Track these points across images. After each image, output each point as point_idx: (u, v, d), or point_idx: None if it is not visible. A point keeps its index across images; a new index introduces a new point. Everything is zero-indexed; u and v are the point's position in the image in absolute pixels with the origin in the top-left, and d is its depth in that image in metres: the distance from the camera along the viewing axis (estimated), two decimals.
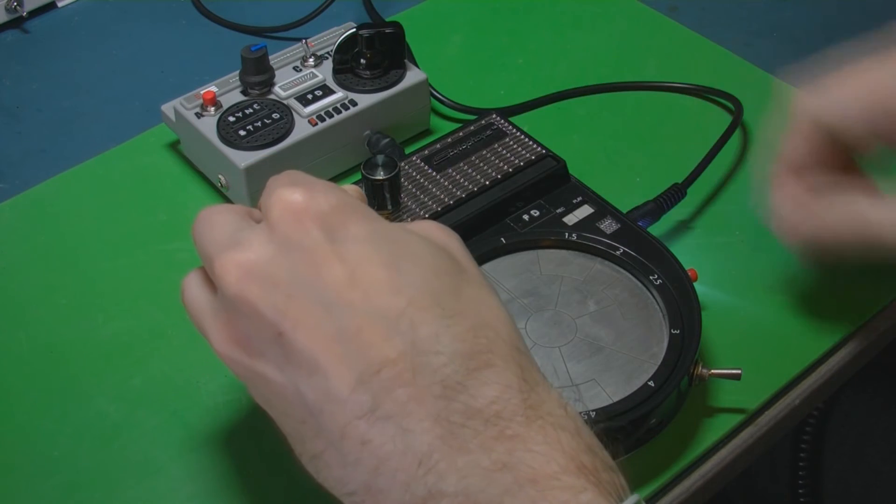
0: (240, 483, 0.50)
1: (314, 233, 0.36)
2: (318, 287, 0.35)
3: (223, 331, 0.38)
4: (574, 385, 0.49)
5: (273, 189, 0.38)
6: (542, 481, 0.33)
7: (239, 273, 0.36)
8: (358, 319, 0.34)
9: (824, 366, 0.57)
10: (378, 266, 0.35)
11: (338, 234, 0.36)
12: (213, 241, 0.39)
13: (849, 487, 0.94)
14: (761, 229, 0.62)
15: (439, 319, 0.35)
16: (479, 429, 0.33)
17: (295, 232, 0.36)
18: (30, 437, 0.52)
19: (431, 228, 0.40)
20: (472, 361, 0.34)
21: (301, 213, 0.36)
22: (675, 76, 0.73)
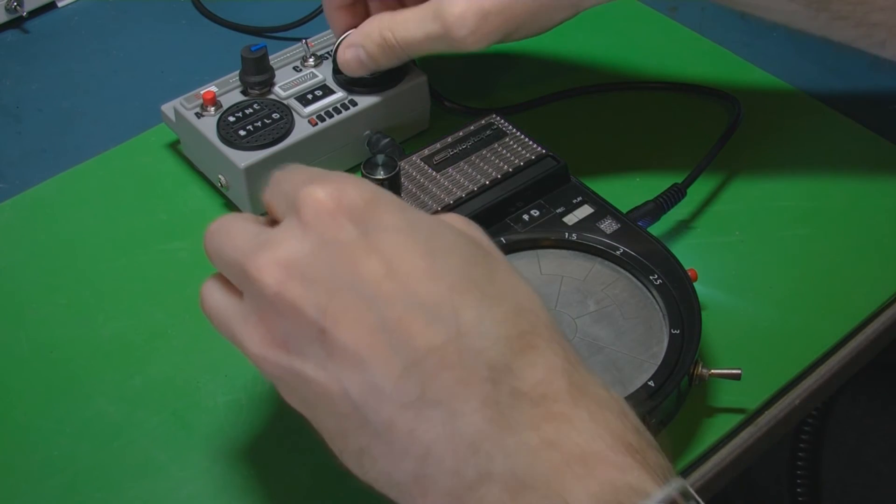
0: (240, 483, 0.50)
1: (348, 228, 0.36)
2: (358, 281, 0.35)
3: (257, 333, 0.38)
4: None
5: (298, 187, 0.38)
6: (590, 459, 0.33)
7: (278, 272, 0.36)
8: (399, 309, 0.35)
9: (824, 366, 0.57)
10: (414, 255, 0.35)
11: (371, 227, 0.36)
12: (237, 246, 0.38)
13: (848, 488, 0.94)
14: (761, 229, 0.63)
15: (480, 303, 0.35)
16: (527, 409, 0.34)
17: (329, 229, 0.36)
18: (30, 437, 0.52)
19: (456, 220, 0.40)
20: (517, 343, 0.35)
21: (334, 210, 0.36)
22: (675, 76, 0.73)
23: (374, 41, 0.59)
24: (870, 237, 0.62)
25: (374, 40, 0.59)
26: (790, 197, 0.65)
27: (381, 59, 0.60)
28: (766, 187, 0.65)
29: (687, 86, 0.72)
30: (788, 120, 0.70)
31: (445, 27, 0.55)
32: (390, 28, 0.58)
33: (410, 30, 0.57)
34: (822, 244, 0.62)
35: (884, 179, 0.66)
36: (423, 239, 0.36)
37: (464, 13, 0.55)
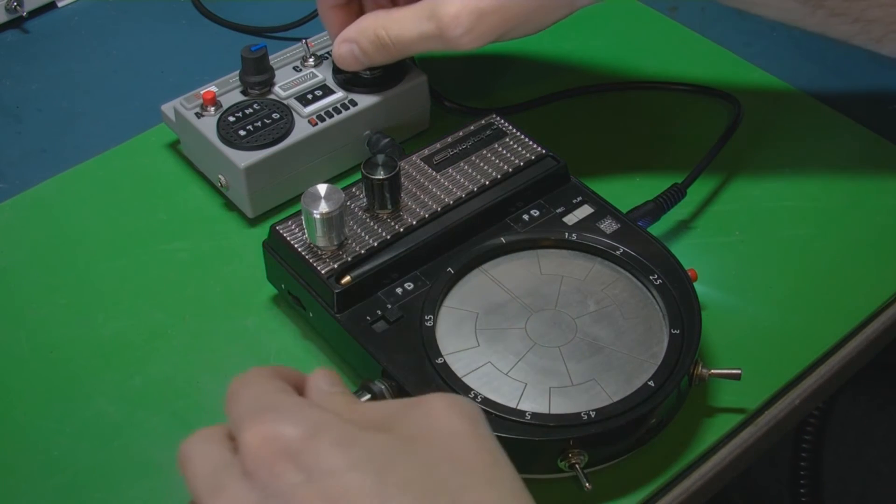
0: None
1: (290, 476, 0.34)
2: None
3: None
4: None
5: (240, 425, 0.36)
6: None
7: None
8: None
9: (824, 366, 0.57)
10: (363, 496, 0.34)
11: (315, 470, 0.34)
12: (197, 477, 0.37)
13: (849, 487, 0.94)
14: (761, 229, 0.63)
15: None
16: None
17: (272, 479, 0.34)
18: (30, 437, 0.52)
19: (431, 410, 0.37)
20: None
21: (273, 457, 0.35)
22: (675, 76, 0.73)
23: (368, 38, 0.59)
24: (870, 237, 0.62)
25: (369, 37, 0.59)
26: (790, 197, 0.65)
27: (376, 56, 0.60)
28: (766, 187, 0.65)
29: (687, 86, 0.72)
30: (788, 120, 0.70)
31: (440, 27, 0.55)
32: (384, 26, 0.58)
33: (405, 29, 0.58)
34: (822, 244, 0.62)
35: (884, 179, 0.66)
36: (371, 477, 0.34)
37: (458, 13, 0.55)
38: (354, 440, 0.35)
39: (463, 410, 0.37)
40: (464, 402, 0.37)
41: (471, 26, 0.55)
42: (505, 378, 0.50)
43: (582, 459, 0.48)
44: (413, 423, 0.36)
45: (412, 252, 0.55)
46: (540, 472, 0.49)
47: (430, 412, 0.37)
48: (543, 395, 0.49)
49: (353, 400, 0.39)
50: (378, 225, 0.56)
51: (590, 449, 0.48)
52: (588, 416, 0.47)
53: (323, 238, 0.53)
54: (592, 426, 0.47)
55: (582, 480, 0.47)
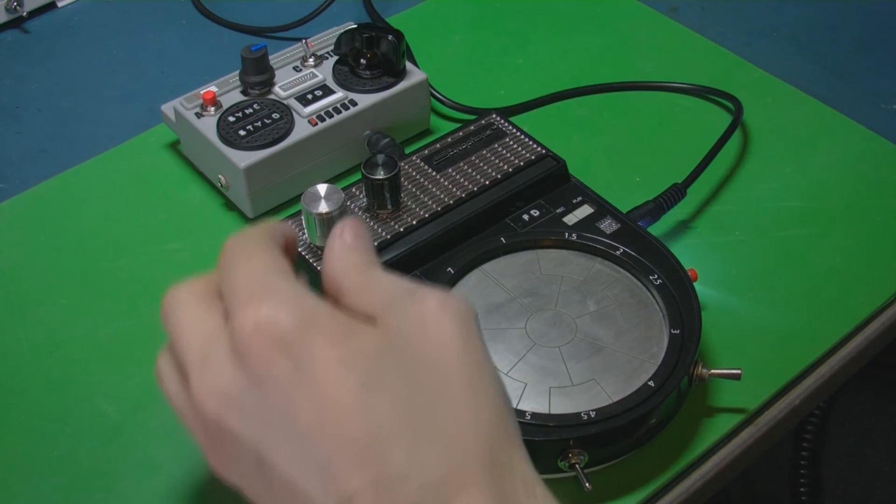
0: None
1: (279, 362, 0.35)
2: (290, 419, 0.34)
3: (211, 446, 0.38)
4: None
5: (234, 302, 0.37)
6: None
7: (215, 402, 0.36)
8: (328, 450, 0.34)
9: (824, 366, 0.57)
10: (346, 393, 0.34)
11: (304, 360, 0.35)
12: (187, 345, 0.38)
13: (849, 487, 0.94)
14: (761, 229, 0.63)
15: (411, 446, 0.34)
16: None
17: (261, 363, 0.35)
18: (30, 437, 0.52)
19: (425, 308, 0.37)
20: (444, 487, 0.34)
21: (265, 342, 0.35)
22: (675, 76, 0.73)
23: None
24: (870, 237, 0.62)
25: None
26: (790, 197, 0.65)
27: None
28: (766, 187, 0.65)
29: (687, 86, 0.72)
30: (788, 120, 0.70)
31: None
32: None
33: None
34: (822, 244, 0.62)
35: (884, 179, 0.66)
36: (357, 374, 0.34)
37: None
38: (346, 336, 0.35)
39: (457, 313, 0.37)
40: (458, 303, 0.37)
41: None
42: (505, 378, 0.50)
43: (582, 459, 0.48)
44: (406, 318, 0.36)
45: (412, 252, 0.55)
46: (540, 472, 0.49)
47: (425, 311, 0.36)
48: (543, 395, 0.49)
49: (366, 262, 0.39)
50: (378, 225, 0.56)
51: (590, 449, 0.48)
52: (588, 416, 0.47)
53: (323, 238, 0.53)
54: (592, 426, 0.47)
55: (582, 480, 0.47)
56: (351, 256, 0.39)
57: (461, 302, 0.37)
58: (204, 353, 0.37)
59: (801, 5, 0.81)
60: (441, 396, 0.35)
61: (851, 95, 0.72)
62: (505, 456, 0.35)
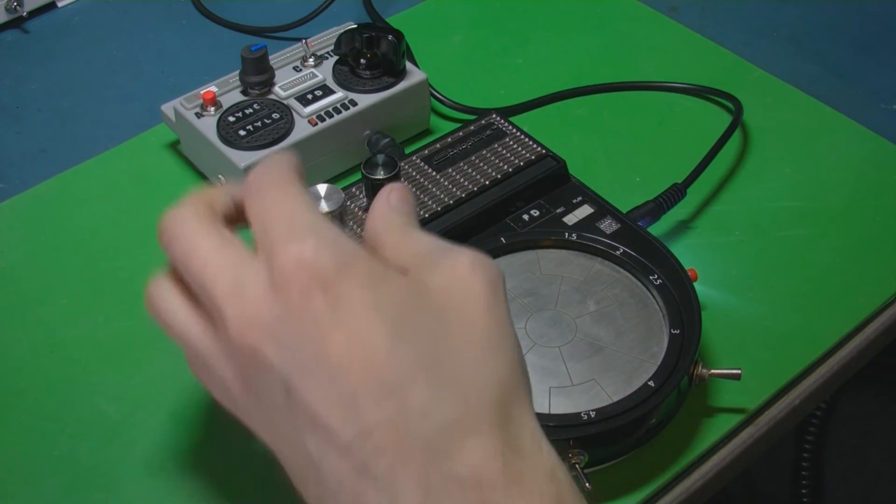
0: (240, 483, 0.50)
1: (318, 299, 0.36)
2: (322, 353, 0.36)
3: (236, 380, 0.39)
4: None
5: (274, 237, 0.38)
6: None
7: (253, 332, 0.37)
8: (354, 385, 0.36)
9: (824, 366, 0.57)
10: (378, 335, 0.36)
11: (342, 300, 0.36)
12: (211, 274, 0.39)
13: (851, 488, 0.94)
14: (761, 229, 0.63)
15: (431, 388, 0.36)
16: (457, 495, 0.34)
17: (300, 298, 0.36)
18: (30, 437, 0.52)
19: (458, 267, 0.39)
20: (457, 428, 0.35)
21: (306, 279, 0.36)
22: (675, 76, 0.73)
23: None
24: (870, 237, 0.62)
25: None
26: (790, 197, 0.65)
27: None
28: (766, 187, 0.65)
29: (687, 86, 0.72)
30: (788, 120, 0.70)
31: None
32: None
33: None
34: (822, 244, 0.62)
35: (884, 179, 0.66)
36: (390, 319, 0.36)
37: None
38: (381, 281, 0.37)
39: (486, 273, 0.39)
40: (489, 264, 0.39)
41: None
42: None
43: (582, 459, 0.48)
44: (439, 272, 0.38)
45: None
46: None
47: (456, 267, 0.39)
48: (543, 395, 0.49)
49: (406, 223, 0.41)
50: None
51: (590, 449, 0.48)
52: (588, 416, 0.47)
53: None
54: (592, 426, 0.47)
55: (582, 480, 0.47)
56: (394, 217, 0.42)
57: (492, 264, 0.39)
58: (238, 285, 0.38)
59: (801, 5, 0.81)
60: (463, 347, 0.37)
61: (851, 95, 0.72)
62: (516, 410, 0.37)
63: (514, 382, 0.38)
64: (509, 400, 0.37)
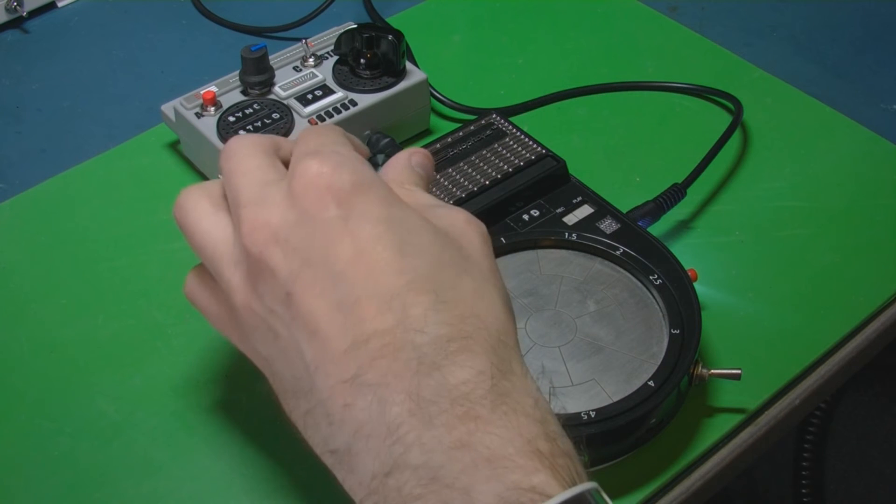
0: (240, 483, 0.50)
1: (332, 209, 0.38)
2: (329, 259, 0.38)
3: (243, 282, 0.41)
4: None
5: (302, 155, 0.40)
6: (498, 461, 0.34)
7: (264, 235, 0.39)
8: (358, 293, 0.37)
9: (824, 366, 0.57)
10: (385, 248, 0.38)
11: (355, 213, 0.38)
12: (244, 185, 0.41)
13: (851, 489, 0.94)
14: (761, 229, 0.63)
15: (431, 304, 0.37)
16: (446, 407, 0.35)
17: (315, 206, 0.38)
18: (30, 437, 0.52)
19: (456, 218, 0.42)
20: (452, 345, 0.36)
21: (323, 189, 0.39)
22: (675, 76, 0.73)
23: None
24: (870, 237, 0.62)
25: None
26: (790, 197, 0.65)
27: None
28: (766, 187, 0.65)
29: (687, 86, 0.72)
30: (788, 120, 0.70)
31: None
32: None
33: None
34: (822, 244, 0.62)
35: (884, 179, 0.66)
36: (398, 235, 0.38)
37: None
38: (395, 203, 0.40)
39: (479, 227, 0.42)
40: (481, 224, 0.42)
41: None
42: None
43: (582, 459, 0.48)
44: (435, 215, 0.41)
45: None
46: None
47: (455, 217, 0.41)
48: None
49: (414, 183, 0.44)
50: None
51: (590, 449, 0.48)
52: (588, 416, 0.47)
53: None
54: (592, 426, 0.47)
55: None
56: (408, 174, 0.44)
57: (483, 224, 0.42)
58: (262, 194, 0.40)
59: (801, 5, 0.81)
60: (464, 275, 0.39)
61: (851, 95, 0.72)
62: (506, 340, 0.38)
63: (505, 317, 0.39)
64: (502, 330, 0.38)
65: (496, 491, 0.34)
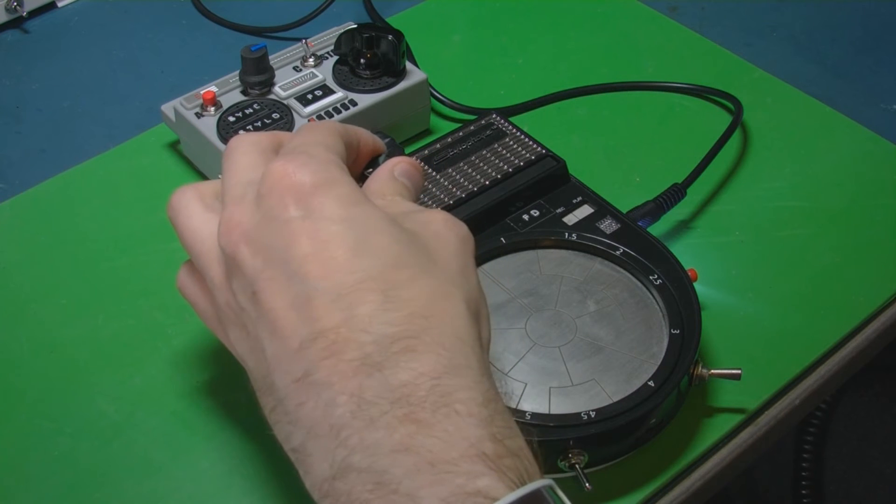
0: (240, 483, 0.50)
1: (292, 208, 0.39)
2: (287, 258, 0.38)
3: (224, 279, 0.42)
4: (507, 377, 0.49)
5: (279, 155, 0.42)
6: (441, 465, 0.34)
7: (237, 234, 0.40)
8: (310, 291, 0.38)
9: (824, 366, 0.57)
10: (339, 247, 0.38)
11: (314, 212, 0.39)
12: (230, 188, 0.42)
13: (851, 489, 0.94)
14: (761, 229, 0.63)
15: (379, 303, 0.37)
16: (386, 409, 0.35)
17: (276, 205, 0.39)
18: (30, 437, 0.52)
19: (431, 219, 0.42)
20: (396, 345, 0.36)
21: (284, 190, 0.39)
22: (675, 76, 0.73)
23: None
24: (870, 237, 0.62)
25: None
26: (790, 197, 0.65)
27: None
28: (766, 187, 0.65)
29: (687, 86, 0.72)
30: (788, 120, 0.70)
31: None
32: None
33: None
34: (822, 244, 0.62)
35: (884, 179, 0.66)
36: (355, 235, 0.39)
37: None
38: (356, 203, 0.40)
39: (457, 230, 0.42)
40: (461, 225, 0.42)
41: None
42: (505, 378, 0.50)
43: (582, 459, 0.48)
44: (413, 220, 0.41)
45: None
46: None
47: (431, 218, 0.42)
48: (543, 395, 0.49)
49: (397, 194, 0.44)
50: None
51: (590, 449, 0.48)
52: (588, 416, 0.47)
53: None
54: (592, 426, 0.47)
55: (582, 480, 0.47)
56: (390, 185, 0.45)
57: (464, 227, 0.42)
58: (242, 192, 0.41)
59: (801, 5, 0.81)
60: (423, 276, 0.39)
61: (851, 95, 0.72)
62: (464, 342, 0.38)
63: (465, 317, 0.39)
64: (459, 329, 0.38)
65: (441, 495, 0.33)
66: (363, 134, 0.48)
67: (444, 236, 0.41)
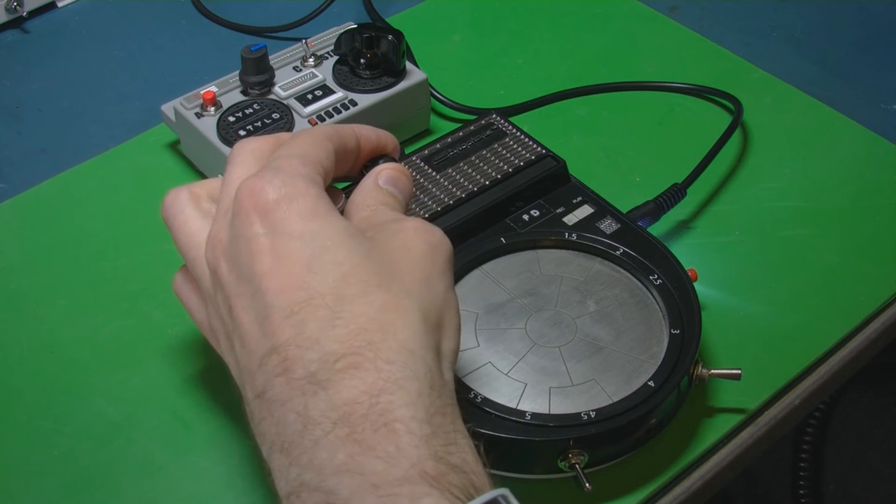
0: (240, 483, 0.50)
1: (256, 226, 0.40)
2: (251, 274, 0.39)
3: (210, 300, 0.43)
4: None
5: (235, 174, 0.43)
6: (384, 487, 0.34)
7: (218, 249, 0.41)
8: (268, 307, 0.38)
9: (824, 366, 0.57)
10: (295, 263, 0.39)
11: (277, 229, 0.39)
12: (222, 197, 0.43)
13: (850, 489, 0.94)
14: (761, 229, 0.63)
15: (327, 319, 0.37)
16: (329, 428, 0.35)
17: (244, 223, 0.40)
18: (30, 437, 0.52)
19: (402, 229, 0.42)
20: (340, 363, 0.36)
21: (250, 206, 0.40)
22: (675, 76, 0.73)
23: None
24: (870, 237, 0.62)
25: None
26: (790, 197, 0.65)
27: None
28: (766, 187, 0.65)
29: (687, 86, 0.72)
30: (788, 120, 0.70)
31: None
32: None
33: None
34: (822, 244, 0.62)
35: (884, 179, 0.66)
36: (310, 251, 0.39)
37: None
38: (316, 216, 0.40)
39: (428, 236, 0.42)
40: (434, 232, 0.42)
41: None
42: (505, 378, 0.50)
43: (582, 459, 0.48)
44: (386, 230, 0.42)
45: None
46: (540, 473, 0.49)
47: (403, 227, 0.42)
48: (543, 396, 0.49)
49: (381, 204, 0.44)
50: None
51: (590, 449, 0.48)
52: (588, 416, 0.47)
53: None
54: (592, 426, 0.47)
55: (582, 480, 0.47)
56: (373, 195, 0.45)
57: (439, 233, 0.42)
58: (228, 207, 0.42)
59: (801, 5, 0.81)
60: (376, 289, 0.38)
61: (851, 95, 0.72)
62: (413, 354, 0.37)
63: (418, 328, 0.38)
64: (411, 341, 0.38)
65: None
66: (364, 131, 0.47)
67: (411, 245, 0.41)
